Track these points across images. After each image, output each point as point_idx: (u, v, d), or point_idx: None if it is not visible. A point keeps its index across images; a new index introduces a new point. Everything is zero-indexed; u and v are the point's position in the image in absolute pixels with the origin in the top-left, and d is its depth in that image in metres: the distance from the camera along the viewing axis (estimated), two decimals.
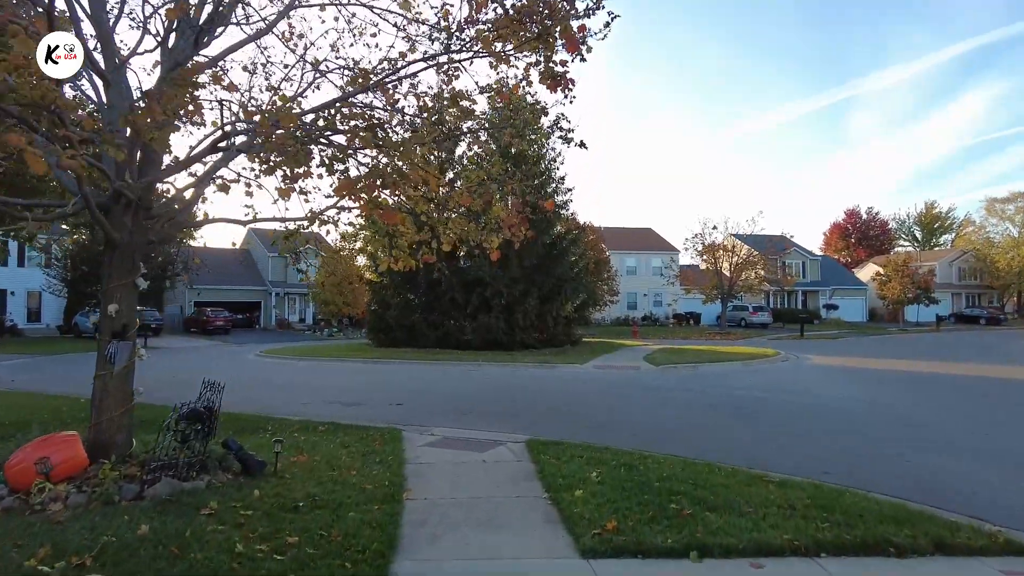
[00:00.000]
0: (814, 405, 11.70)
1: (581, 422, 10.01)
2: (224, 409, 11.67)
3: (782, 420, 10.25)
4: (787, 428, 9.62)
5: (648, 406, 11.63)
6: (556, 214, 24.13)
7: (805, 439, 8.86)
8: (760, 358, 20.20)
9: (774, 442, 8.65)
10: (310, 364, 21.31)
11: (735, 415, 10.54)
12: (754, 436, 9.03)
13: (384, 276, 25.38)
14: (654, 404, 11.82)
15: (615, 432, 9.19)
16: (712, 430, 9.46)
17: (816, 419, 10.33)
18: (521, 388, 14.33)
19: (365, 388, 14.76)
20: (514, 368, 18.78)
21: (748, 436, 9.02)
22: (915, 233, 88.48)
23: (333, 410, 11.49)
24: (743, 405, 11.50)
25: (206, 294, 50.29)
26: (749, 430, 9.42)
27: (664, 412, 10.95)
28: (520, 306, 22.60)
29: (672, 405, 11.69)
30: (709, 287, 42.80)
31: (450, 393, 13.53)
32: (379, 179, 5.38)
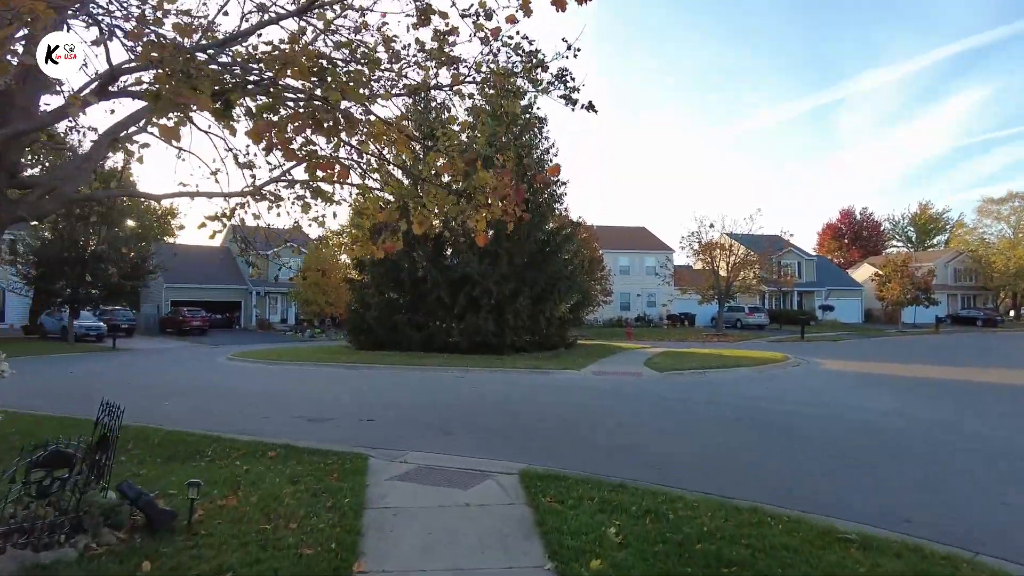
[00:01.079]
0: (855, 421, 10.15)
1: (585, 444, 8.41)
2: (168, 425, 10.05)
3: (824, 442, 8.69)
4: (833, 452, 8.06)
5: (661, 422, 10.04)
6: (549, 207, 22.56)
7: (861, 468, 7.29)
8: (770, 363, 18.72)
9: (825, 473, 7.09)
10: (283, 369, 19.58)
11: (766, 434, 8.98)
12: (798, 464, 7.46)
13: (365, 274, 23.68)
14: (668, 419, 10.24)
15: (628, 458, 7.61)
16: (744, 454, 7.89)
17: (864, 440, 8.78)
18: (513, 399, 12.73)
19: (337, 398, 13.10)
20: (505, 374, 17.16)
21: (791, 464, 7.45)
22: (909, 234, 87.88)
23: (294, 427, 9.84)
24: (772, 421, 9.93)
25: (184, 293, 48.42)
26: (789, 455, 7.86)
27: (682, 430, 9.37)
28: (511, 306, 20.98)
29: (689, 421, 10.11)
30: (705, 287, 41.42)
31: (432, 405, 11.90)
32: (311, 119, 3.76)
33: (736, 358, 19.88)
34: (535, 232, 22.02)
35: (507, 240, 21.59)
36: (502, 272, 21.00)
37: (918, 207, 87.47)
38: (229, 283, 51.55)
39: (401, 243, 5.54)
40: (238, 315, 51.81)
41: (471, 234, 21.88)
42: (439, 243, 23.85)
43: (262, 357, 22.36)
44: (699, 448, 8.23)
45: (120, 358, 25.40)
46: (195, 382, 16.42)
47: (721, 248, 40.82)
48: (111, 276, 31.60)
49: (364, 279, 24.38)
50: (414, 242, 22.98)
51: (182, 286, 48.51)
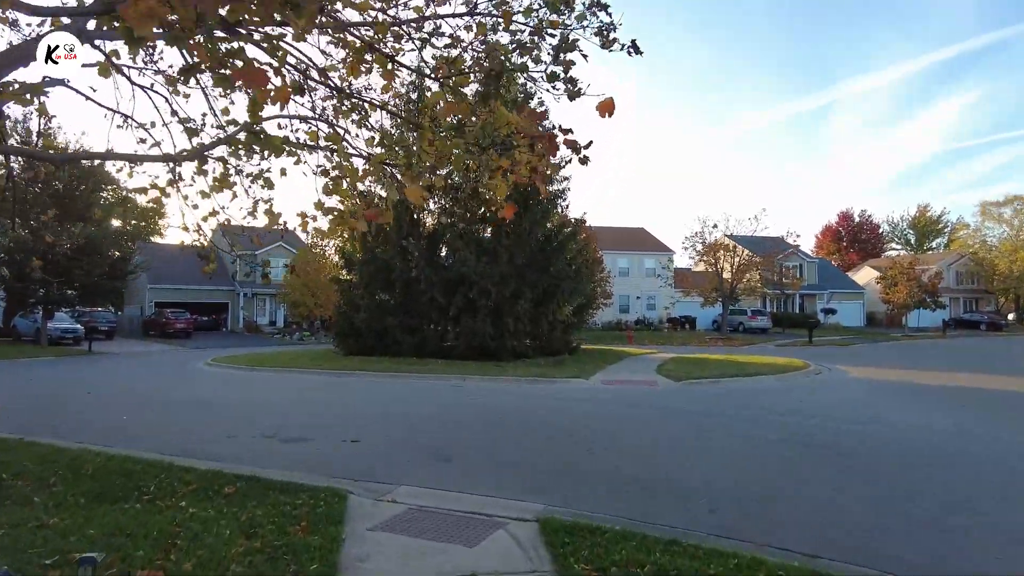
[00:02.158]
0: (921, 444, 8.69)
1: (613, 475, 6.95)
2: (117, 446, 8.53)
3: (899, 472, 7.22)
4: (919, 487, 6.60)
5: (697, 445, 8.57)
6: (552, 202, 21.09)
7: (966, 513, 5.85)
8: (790, 371, 17.32)
9: (929, 519, 5.63)
10: (263, 377, 18.05)
11: (825, 462, 7.52)
12: (883, 505, 6.01)
13: (354, 273, 22.14)
14: (702, 441, 8.78)
15: (670, 495, 6.16)
16: (811, 489, 6.42)
17: (950, 472, 7.31)
18: (518, 413, 11.26)
19: (318, 412, 11.60)
20: (506, 383, 15.69)
21: (874, 505, 5.99)
22: (908, 236, 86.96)
23: (265, 450, 8.36)
24: (823, 443, 8.48)
25: (169, 294, 46.82)
26: (868, 491, 6.41)
27: (724, 455, 7.88)
28: (511, 308, 19.49)
29: (727, 442, 8.63)
30: (708, 289, 40.10)
31: (426, 421, 10.41)
32: None
33: (753, 365, 18.49)
34: (537, 229, 20.54)
35: (507, 237, 20.11)
36: (501, 271, 19.51)
37: (917, 209, 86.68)
38: (216, 284, 49.79)
39: (391, 214, 4.06)
40: (225, 317, 50.21)
41: (474, 231, 20.45)
42: (434, 240, 22.37)
43: (242, 363, 20.82)
44: (754, 480, 6.77)
45: (93, 363, 23.79)
46: (164, 392, 14.89)
47: (726, 249, 39.50)
48: (87, 276, 29.90)
49: (353, 279, 22.84)
50: (407, 239, 21.51)
51: (167, 287, 46.95)
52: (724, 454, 7.90)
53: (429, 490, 6.44)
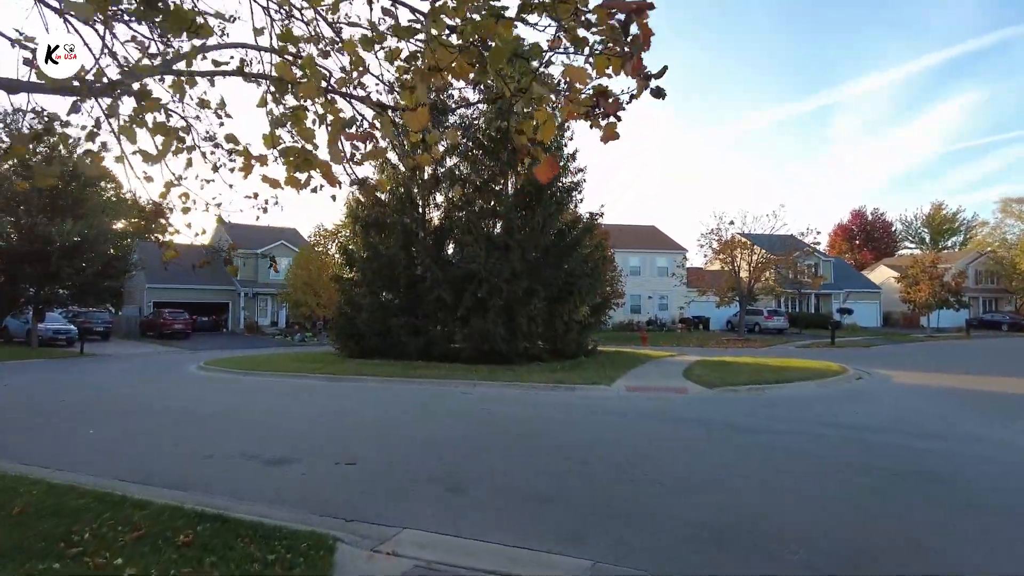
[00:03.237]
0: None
1: (673, 516, 5.53)
2: (67, 468, 7.16)
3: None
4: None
5: (760, 471, 7.11)
6: (567, 194, 19.65)
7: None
8: (829, 376, 15.82)
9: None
10: (256, 382, 16.70)
11: (935, 496, 6.04)
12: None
13: (355, 271, 20.76)
14: (767, 467, 7.30)
15: (758, 549, 4.73)
16: (936, 538, 5.00)
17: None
18: (538, 427, 9.87)
19: (311, 425, 10.23)
20: (520, 390, 14.29)
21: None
22: (922, 235, 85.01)
23: (242, 475, 7.00)
24: (920, 470, 6.95)
25: (168, 294, 45.66)
26: (1003, 540, 5.00)
27: (805, 490, 6.32)
28: (524, 307, 18.05)
29: (800, 470, 7.10)
30: (724, 288, 38.58)
31: (433, 438, 9.02)
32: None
33: (787, 369, 17.00)
34: (551, 223, 19.12)
35: (519, 231, 18.71)
36: (513, 268, 18.09)
37: (931, 207, 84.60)
38: (216, 283, 48.73)
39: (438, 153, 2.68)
40: (225, 317, 49.04)
41: (483, 226, 19.04)
42: (440, 236, 21.00)
43: (236, 366, 19.48)
44: (853, 525, 5.33)
45: (81, 366, 22.52)
46: (146, 399, 13.56)
47: (742, 246, 37.98)
48: (79, 274, 28.61)
49: (354, 277, 21.45)
50: (411, 237, 20.16)
51: (166, 286, 45.79)
52: (800, 486, 6.47)
53: (440, 536, 5.06)
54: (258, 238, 51.67)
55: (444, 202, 20.76)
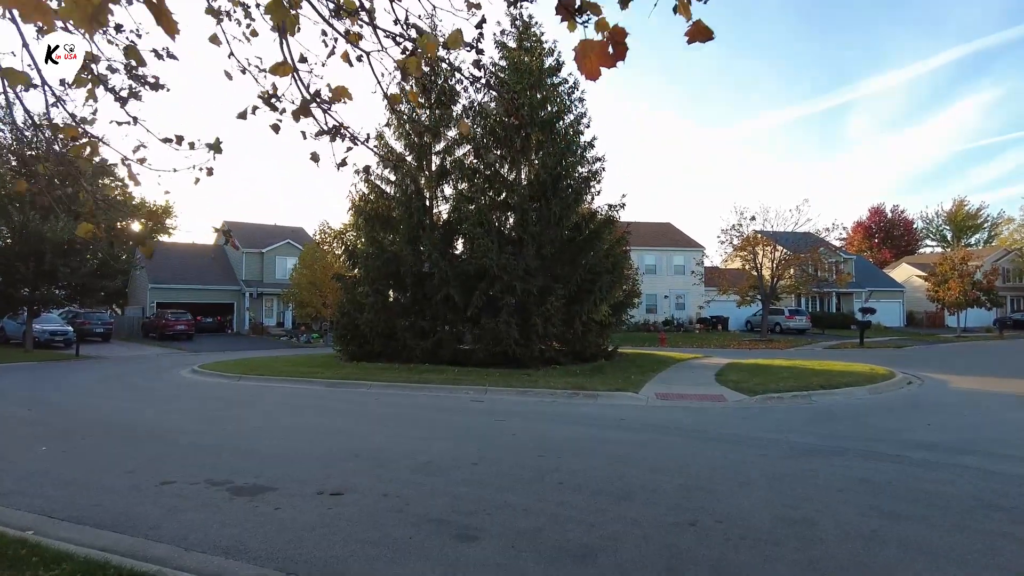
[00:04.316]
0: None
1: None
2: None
3: None
4: None
5: (855, 508, 5.59)
6: (586, 184, 18.15)
7: None
8: (876, 380, 14.23)
9: None
10: (249, 388, 15.38)
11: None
12: None
13: (358, 268, 19.37)
14: (861, 501, 5.80)
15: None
16: None
17: None
18: (561, 445, 8.43)
19: (297, 442, 8.84)
20: (537, 397, 12.85)
21: None
22: (944, 232, 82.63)
23: (201, 510, 5.61)
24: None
25: (171, 294, 44.64)
26: None
27: (926, 547, 4.91)
28: (539, 307, 16.56)
29: (914, 509, 5.60)
30: (746, 287, 36.92)
31: (437, 460, 7.59)
32: None
33: (828, 373, 15.44)
34: (568, 215, 17.64)
35: (534, 224, 17.25)
36: (527, 264, 16.62)
37: (953, 204, 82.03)
38: (221, 284, 47.71)
39: None
40: (230, 318, 47.95)
41: (495, 220, 17.63)
42: (449, 231, 19.59)
43: (230, 370, 18.17)
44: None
45: (70, 370, 21.32)
46: (123, 408, 12.25)
47: (764, 243, 36.31)
48: (74, 274, 27.46)
49: (356, 275, 20.06)
50: (418, 231, 18.75)
51: (169, 287, 44.79)
52: (917, 539, 4.97)
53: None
54: (263, 237, 50.54)
55: (453, 195, 19.34)
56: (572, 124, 18.94)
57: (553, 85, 19.12)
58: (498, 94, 16.33)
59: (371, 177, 19.87)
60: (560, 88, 19.18)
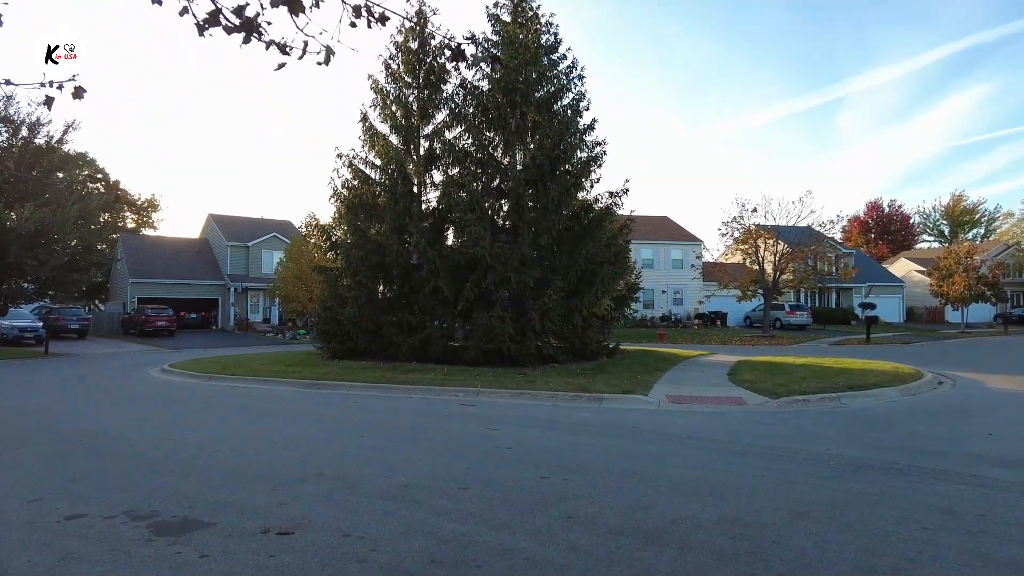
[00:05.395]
0: None
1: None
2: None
3: None
4: None
5: (985, 570, 4.39)
6: (586, 168, 16.78)
7: None
8: (906, 380, 12.95)
9: None
10: (217, 389, 14.01)
11: None
12: None
13: (340, 257, 17.96)
14: (976, 555, 4.52)
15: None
16: None
17: None
18: (568, 462, 7.10)
19: (253, 455, 7.48)
20: (536, 400, 11.53)
21: None
22: (941, 227, 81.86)
23: (104, 558, 4.25)
24: None
25: (153, 289, 43.11)
26: None
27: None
28: (535, 300, 15.20)
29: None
30: (747, 281, 35.74)
31: (418, 486, 6.26)
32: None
33: (849, 372, 14.18)
34: (567, 200, 16.29)
35: (530, 210, 15.91)
36: (523, 254, 15.26)
37: (950, 198, 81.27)
38: (205, 278, 46.18)
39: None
40: (215, 314, 46.47)
41: (488, 207, 16.31)
42: (439, 220, 18.22)
43: (203, 369, 16.77)
44: None
45: (33, 368, 19.89)
46: (65, 413, 10.85)
47: (766, 236, 35.11)
48: (41, 267, 25.93)
49: (339, 266, 18.65)
50: (405, 219, 17.37)
51: (151, 281, 43.26)
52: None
53: None
54: (249, 230, 48.99)
55: (443, 181, 17.94)
56: (571, 104, 17.58)
57: (551, 63, 17.78)
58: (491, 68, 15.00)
59: (355, 162, 18.48)
60: (559, 66, 17.83)
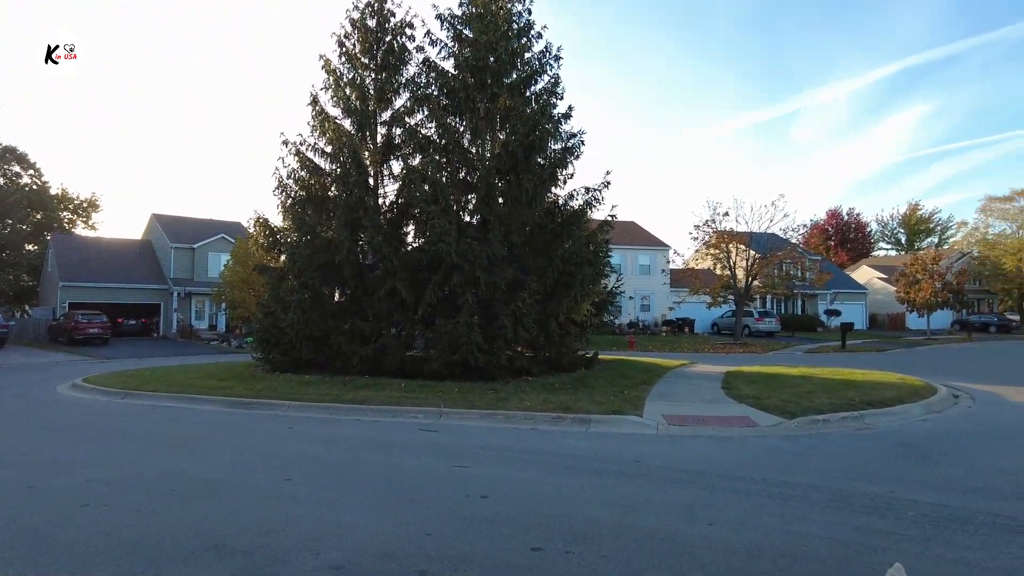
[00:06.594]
0: None
1: None
2: None
3: None
4: None
5: None
6: (562, 160, 15.02)
7: None
8: (924, 395, 11.45)
9: None
10: (128, 409, 11.77)
11: None
12: None
13: (281, 257, 15.83)
14: None
15: None
16: None
17: None
18: (562, 516, 5.29)
19: (129, 513, 5.41)
20: (509, 423, 9.68)
21: None
22: (899, 236, 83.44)
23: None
24: None
25: (87, 293, 39.76)
26: None
27: None
28: (508, 305, 13.31)
29: None
30: (717, 287, 34.63)
31: (358, 560, 4.36)
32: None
33: (855, 384, 12.70)
34: (542, 193, 14.51)
35: (502, 204, 14.12)
36: (493, 252, 13.42)
37: (907, 207, 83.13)
38: (146, 282, 42.95)
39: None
40: (156, 321, 43.24)
41: (453, 202, 14.44)
42: (399, 216, 16.25)
43: (120, 384, 14.41)
44: None
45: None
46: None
47: (739, 241, 34.08)
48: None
49: (282, 265, 16.50)
50: (359, 213, 15.36)
51: (86, 285, 39.91)
52: None
53: None
54: (195, 231, 45.90)
55: (403, 172, 15.99)
56: (547, 88, 15.88)
57: (524, 43, 16.05)
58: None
59: (302, 149, 16.40)
60: (533, 47, 16.14)
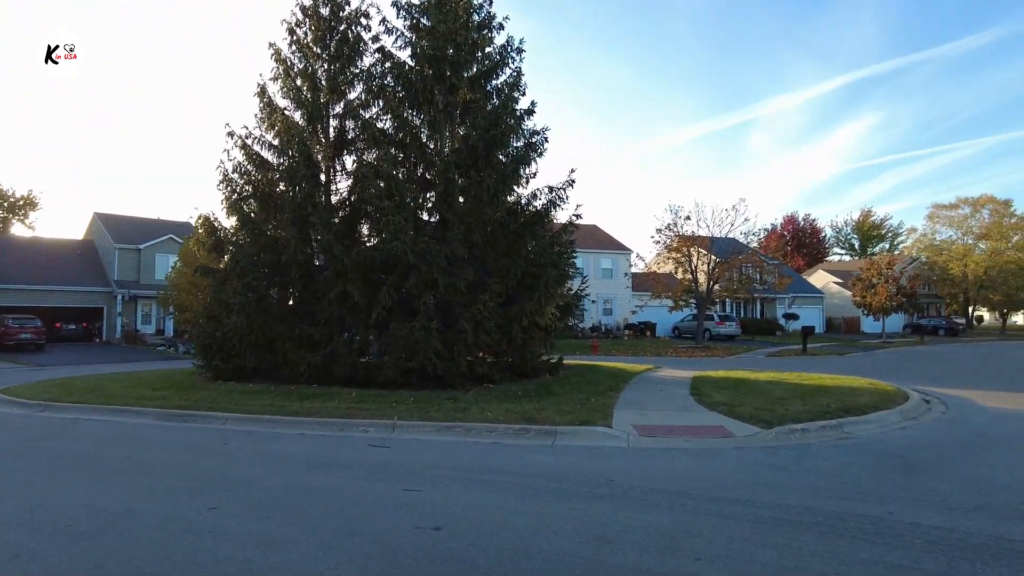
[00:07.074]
0: None
1: None
2: None
3: None
4: None
5: None
6: (525, 156, 14.28)
7: None
8: (897, 401, 11.06)
9: None
10: (46, 424, 10.59)
11: None
12: None
13: (223, 257, 14.72)
14: None
15: None
16: None
17: None
18: (530, 554, 4.54)
19: (10, 567, 4.50)
20: (469, 436, 8.91)
21: None
22: (852, 241, 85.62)
23: None
24: None
25: (23, 296, 37.45)
26: None
27: None
28: (468, 308, 12.49)
29: None
30: (679, 291, 34.52)
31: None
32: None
33: (827, 390, 12.31)
34: (504, 190, 13.76)
35: (462, 202, 13.35)
36: (452, 252, 12.61)
37: (861, 214, 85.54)
38: (88, 284, 40.68)
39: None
40: (99, 325, 41.01)
41: (410, 201, 13.60)
42: (352, 215, 15.34)
43: (42, 395, 13.11)
44: None
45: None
46: None
47: (700, 245, 34.05)
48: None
49: (224, 265, 15.37)
50: (308, 211, 14.39)
51: (19, 287, 37.55)
52: None
53: None
54: (142, 231, 43.77)
55: (356, 167, 15.08)
56: (508, 83, 15.19)
57: (484, 39, 15.36)
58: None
59: (249, 142, 15.34)
60: (494, 40, 15.46)
